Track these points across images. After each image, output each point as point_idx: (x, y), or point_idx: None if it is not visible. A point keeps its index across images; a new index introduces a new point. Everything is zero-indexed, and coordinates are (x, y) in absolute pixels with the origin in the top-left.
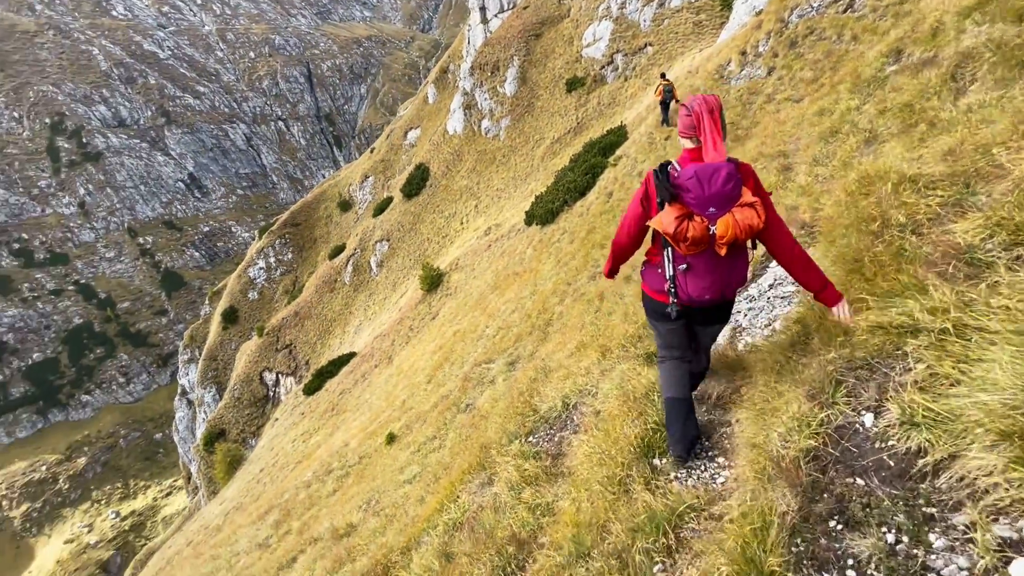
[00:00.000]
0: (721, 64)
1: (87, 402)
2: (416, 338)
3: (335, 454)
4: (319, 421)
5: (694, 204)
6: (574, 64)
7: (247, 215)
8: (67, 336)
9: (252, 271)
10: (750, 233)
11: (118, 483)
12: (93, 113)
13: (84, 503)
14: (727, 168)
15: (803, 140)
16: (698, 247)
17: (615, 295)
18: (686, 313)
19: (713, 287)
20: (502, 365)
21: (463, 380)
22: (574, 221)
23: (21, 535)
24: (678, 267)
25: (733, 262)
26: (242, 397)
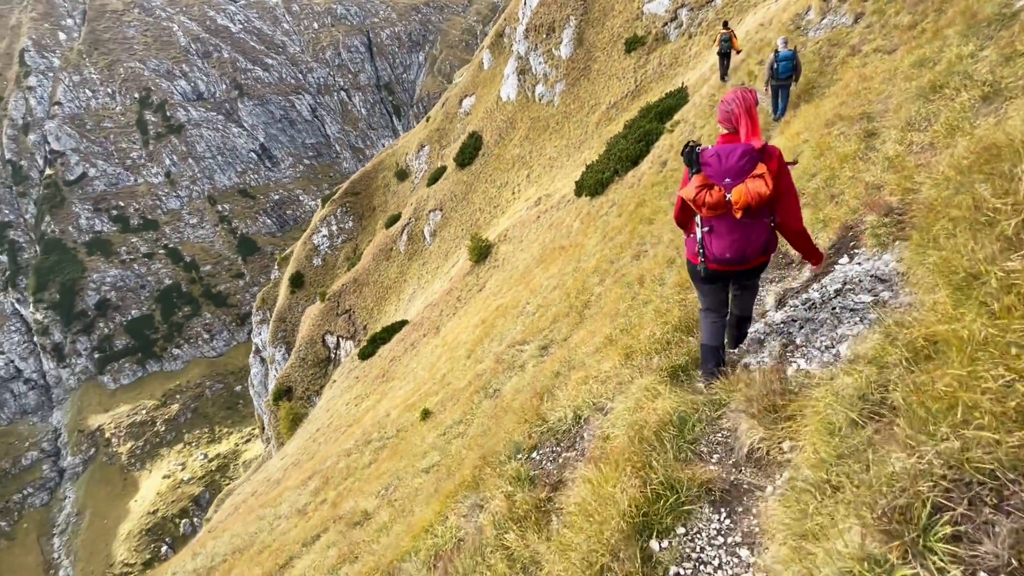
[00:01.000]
0: (798, 13)
1: (177, 355)
2: (463, 309)
3: (377, 424)
4: (371, 386)
5: (713, 176)
6: (634, 22)
7: (313, 184)
8: (159, 295)
9: (316, 238)
10: (760, 200)
11: (205, 428)
12: (175, 87)
13: (178, 444)
14: (744, 147)
15: (895, 99)
16: (716, 211)
17: (656, 280)
18: (718, 276)
19: (732, 247)
20: (534, 349)
21: (496, 362)
22: (624, 193)
23: (127, 469)
24: (703, 230)
25: (750, 226)
26: (307, 358)
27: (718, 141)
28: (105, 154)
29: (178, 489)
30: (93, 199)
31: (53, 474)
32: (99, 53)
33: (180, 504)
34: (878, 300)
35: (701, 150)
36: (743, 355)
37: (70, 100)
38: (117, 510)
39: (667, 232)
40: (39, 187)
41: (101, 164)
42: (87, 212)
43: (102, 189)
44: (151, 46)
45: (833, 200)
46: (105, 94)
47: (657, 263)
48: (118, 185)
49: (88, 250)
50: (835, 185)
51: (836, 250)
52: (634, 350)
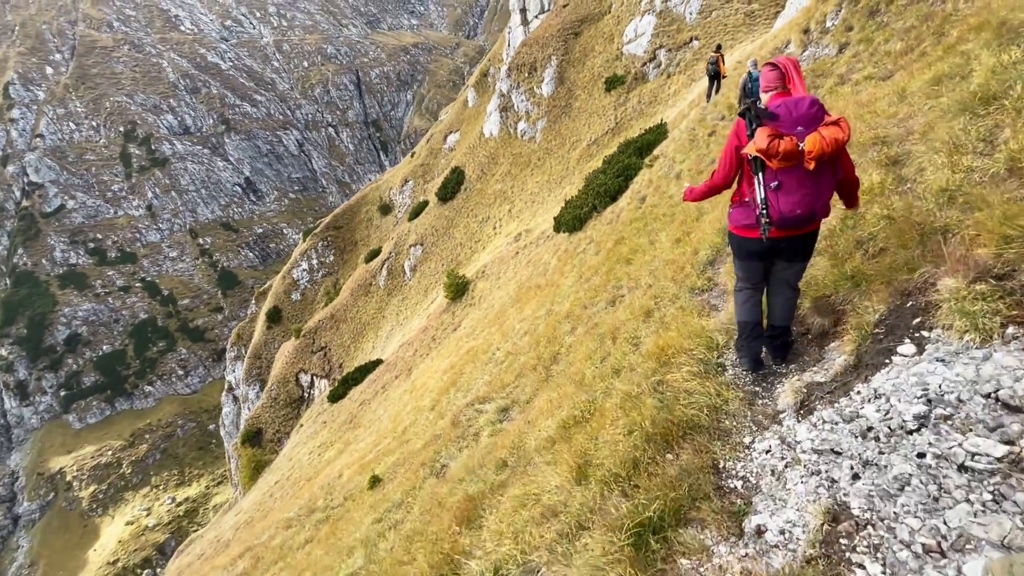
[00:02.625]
0: (777, 47)
1: (150, 392)
2: (436, 350)
3: (327, 487)
4: (337, 433)
5: (784, 126)
6: (614, 62)
7: (297, 217)
8: (133, 330)
9: (295, 272)
10: (836, 147)
11: (175, 470)
12: (161, 121)
13: (144, 487)
14: (811, 97)
15: (919, 119)
16: (789, 162)
17: (629, 339)
18: (775, 245)
19: (803, 202)
20: (493, 412)
21: (452, 424)
22: (602, 229)
23: (88, 514)
24: (770, 186)
25: (820, 179)
26: (279, 397)
27: (769, 101)
28: (85, 186)
29: (142, 536)
30: (70, 231)
31: (6, 521)
32: (86, 87)
33: (143, 553)
34: (1015, 451)
35: (765, 104)
36: None
37: (53, 132)
38: (75, 560)
39: (645, 274)
40: (14, 219)
41: (80, 196)
42: (62, 244)
43: (80, 221)
44: (139, 81)
45: (863, 249)
46: (89, 127)
47: (633, 313)
48: (97, 217)
49: (61, 283)
50: (862, 228)
51: (887, 330)
52: (590, 461)
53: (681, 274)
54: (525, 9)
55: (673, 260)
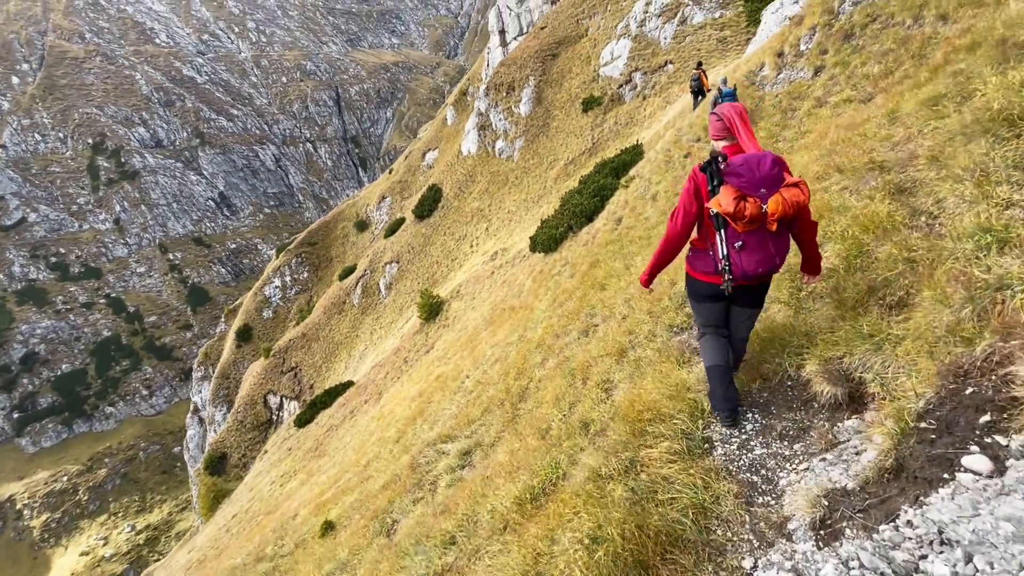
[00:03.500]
0: (752, 70)
1: (111, 414)
2: (408, 373)
3: (280, 529)
4: (301, 461)
5: (746, 186)
6: (591, 83)
7: (273, 233)
8: (95, 348)
9: (268, 289)
10: (797, 209)
11: (136, 496)
12: (132, 134)
13: (102, 515)
14: (772, 155)
15: (923, 141)
16: (754, 224)
17: (600, 384)
18: (732, 295)
19: (765, 261)
20: (454, 455)
21: (411, 468)
22: (578, 251)
23: (39, 545)
24: (733, 245)
25: (781, 238)
26: (245, 420)
27: (729, 156)
28: (49, 199)
29: (97, 568)
30: (30, 245)
31: None
32: (53, 98)
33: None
34: None
35: (725, 163)
36: None
37: (16, 143)
38: None
39: (620, 303)
40: None
41: (43, 209)
42: (22, 259)
43: (41, 235)
44: (111, 93)
45: (878, 299)
46: (56, 139)
47: (606, 349)
48: (60, 231)
49: (19, 299)
50: (873, 269)
51: (940, 427)
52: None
53: (658, 306)
54: (504, 31)
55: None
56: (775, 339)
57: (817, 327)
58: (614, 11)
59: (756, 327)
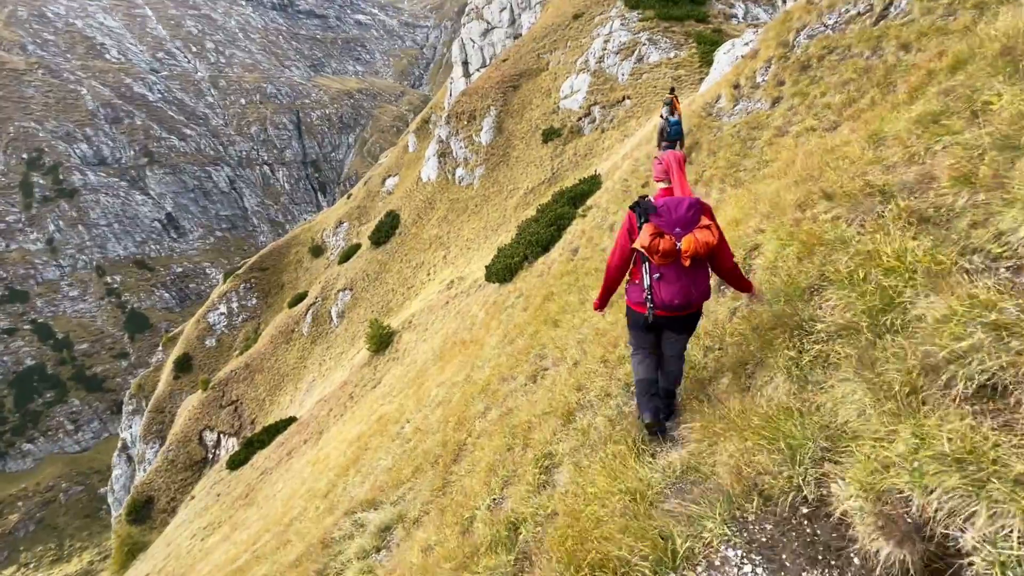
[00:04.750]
0: (708, 102)
1: (28, 451)
2: (352, 411)
3: None
4: (228, 510)
5: (664, 225)
6: (551, 115)
7: (224, 257)
8: (15, 379)
9: (212, 316)
10: (707, 249)
11: (51, 543)
12: (74, 150)
13: (11, 567)
14: (690, 200)
15: (938, 160)
16: (668, 258)
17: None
18: (660, 322)
19: (680, 293)
20: (372, 531)
21: (322, 544)
22: (532, 282)
23: None
24: (653, 276)
25: (696, 274)
26: (177, 459)
27: (658, 194)
28: None
29: None
30: None
31: None
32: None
33: None
34: None
35: (650, 200)
36: None
37: None
38: None
39: (572, 344)
40: None
41: None
42: None
43: None
44: (52, 107)
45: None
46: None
47: (553, 404)
48: None
49: None
50: (921, 334)
51: None
52: None
53: (613, 353)
54: (467, 62)
55: (604, 331)
56: (779, 431)
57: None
58: (574, 47)
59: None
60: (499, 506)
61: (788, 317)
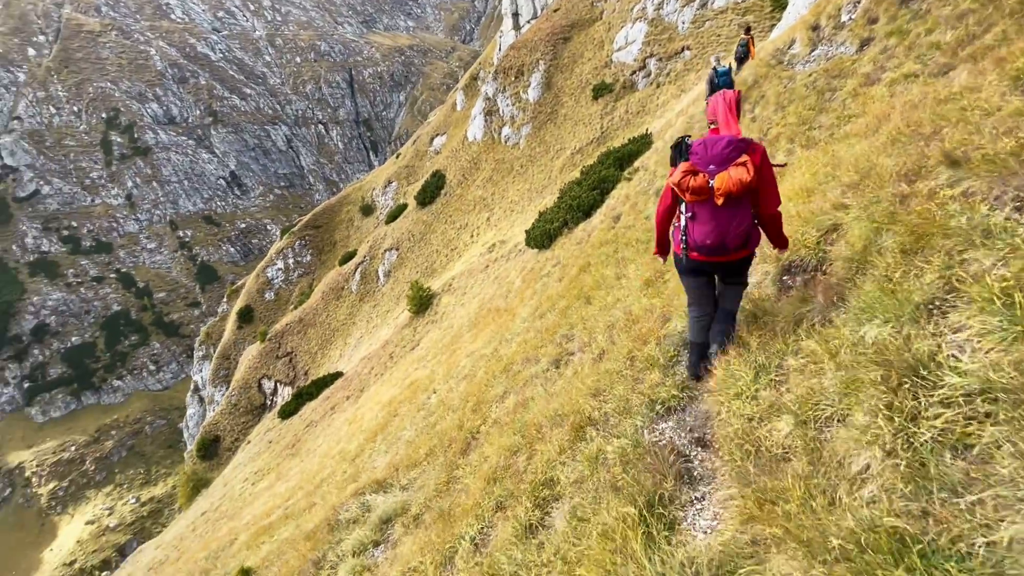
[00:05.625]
0: (779, 48)
1: (118, 387)
2: (390, 371)
3: (214, 557)
4: (276, 458)
5: (699, 163)
6: (603, 69)
7: (283, 214)
8: (105, 322)
9: (270, 271)
10: (741, 186)
11: (141, 469)
12: (146, 110)
13: (107, 486)
14: (730, 137)
15: None
16: (699, 196)
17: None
18: (700, 268)
19: (713, 233)
20: (374, 521)
21: (328, 526)
22: (570, 249)
23: (47, 512)
24: (687, 216)
25: (732, 213)
26: (239, 404)
27: (710, 131)
28: (62, 172)
29: (102, 537)
30: (43, 218)
31: None
32: (69, 71)
33: (102, 554)
34: None
35: (691, 141)
36: None
37: (31, 116)
38: (28, 560)
39: (601, 327)
40: None
41: (57, 182)
42: (35, 231)
43: (55, 208)
44: (125, 68)
45: None
46: (70, 112)
47: (569, 407)
48: (73, 205)
49: (31, 271)
50: None
51: None
52: None
53: (642, 351)
54: (517, 13)
55: (636, 317)
56: None
57: None
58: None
59: None
60: (484, 544)
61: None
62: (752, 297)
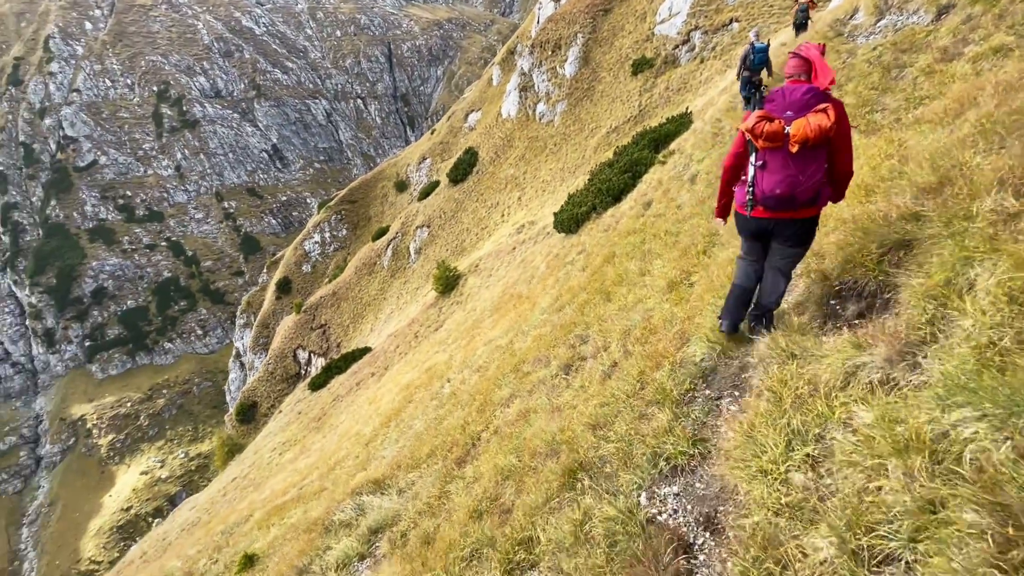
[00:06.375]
0: (839, 19)
1: (169, 349)
2: (414, 351)
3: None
4: (303, 430)
5: (775, 110)
6: (644, 43)
7: (322, 188)
8: (157, 288)
9: (307, 244)
10: (820, 133)
11: (189, 426)
12: (194, 83)
13: (160, 440)
14: (810, 86)
15: None
16: (773, 143)
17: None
18: (764, 227)
19: (784, 182)
20: (367, 527)
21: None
22: (597, 237)
23: (106, 462)
24: (757, 165)
25: (804, 163)
26: (275, 372)
27: None
28: (118, 143)
29: (155, 487)
30: (101, 187)
31: (30, 461)
32: (122, 45)
33: (155, 503)
34: None
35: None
36: None
37: (89, 88)
38: (90, 504)
39: (617, 332)
40: (48, 171)
41: (113, 153)
42: (93, 199)
43: (111, 178)
44: (175, 42)
45: None
46: (124, 85)
47: (579, 417)
48: (127, 175)
49: (90, 237)
50: None
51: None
52: None
53: (653, 375)
54: None
55: (655, 328)
56: None
57: None
58: None
59: None
60: None
61: (1007, 482)
62: (789, 323)
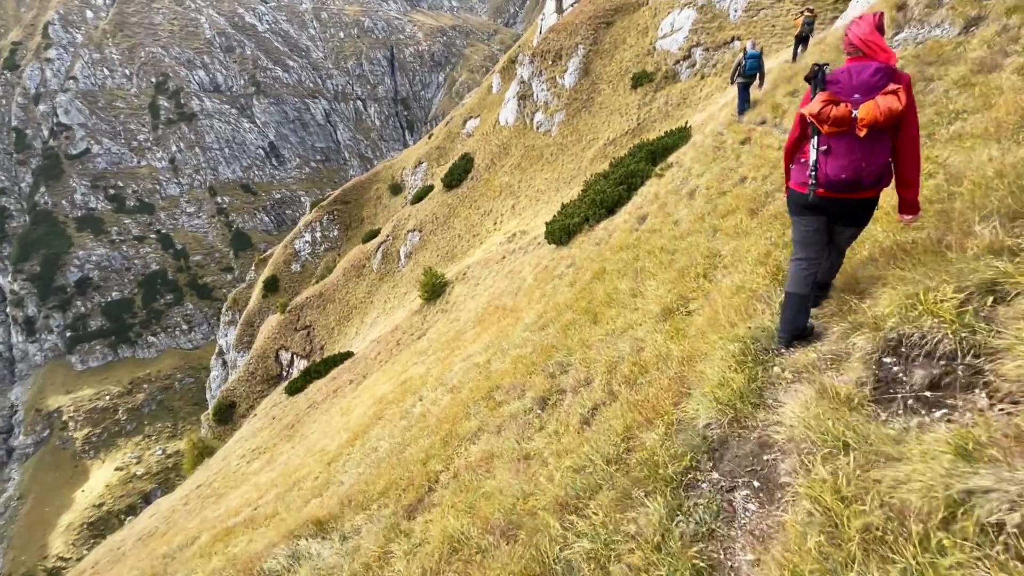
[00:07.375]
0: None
1: (152, 343)
2: (394, 360)
3: (171, 555)
4: (275, 437)
5: (842, 92)
6: (644, 57)
7: (316, 187)
8: (143, 280)
9: (298, 243)
10: (890, 116)
11: (168, 422)
12: (193, 76)
13: (137, 436)
14: (878, 64)
15: None
16: (839, 127)
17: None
18: (824, 205)
19: (849, 167)
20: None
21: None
22: (588, 251)
23: (80, 456)
24: (820, 149)
25: (872, 147)
26: (256, 372)
27: (848, 61)
28: (112, 133)
29: (129, 484)
30: (92, 176)
31: (1, 452)
32: (123, 35)
33: (128, 500)
34: None
35: (830, 70)
36: None
37: (86, 76)
38: (61, 499)
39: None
40: (40, 157)
41: (106, 142)
42: (84, 188)
43: (103, 167)
44: (176, 34)
45: None
46: (122, 75)
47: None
48: (120, 165)
49: (78, 226)
50: None
51: None
52: None
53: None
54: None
55: (646, 366)
56: None
57: None
58: None
59: None
60: None
61: None
62: (830, 389)
